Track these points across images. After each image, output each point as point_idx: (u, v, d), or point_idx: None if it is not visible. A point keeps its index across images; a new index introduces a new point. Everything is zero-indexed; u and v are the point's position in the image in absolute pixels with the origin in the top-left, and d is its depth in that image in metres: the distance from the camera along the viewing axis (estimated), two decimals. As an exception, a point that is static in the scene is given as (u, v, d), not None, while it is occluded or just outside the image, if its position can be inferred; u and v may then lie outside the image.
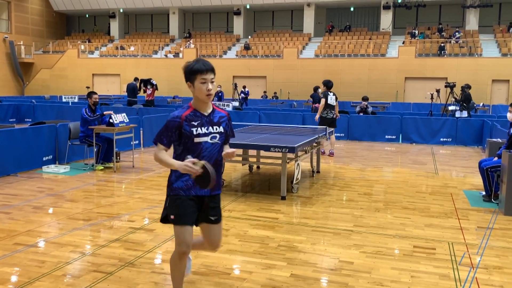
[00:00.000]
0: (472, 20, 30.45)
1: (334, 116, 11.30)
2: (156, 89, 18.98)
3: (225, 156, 3.33)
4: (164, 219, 3.46)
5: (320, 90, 16.38)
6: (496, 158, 7.10)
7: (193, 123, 3.24)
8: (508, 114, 6.91)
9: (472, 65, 26.26)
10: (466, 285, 4.11)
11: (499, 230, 5.71)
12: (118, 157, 9.69)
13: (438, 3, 31.61)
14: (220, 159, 3.39)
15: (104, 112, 9.22)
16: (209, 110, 3.32)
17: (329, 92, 11.13)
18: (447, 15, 32.14)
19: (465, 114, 15.05)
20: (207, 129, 3.28)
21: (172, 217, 3.36)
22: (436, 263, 4.57)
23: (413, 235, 5.46)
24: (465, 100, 15.17)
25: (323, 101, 10.97)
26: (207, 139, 3.27)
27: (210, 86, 3.20)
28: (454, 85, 15.92)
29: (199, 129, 3.25)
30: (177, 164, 3.15)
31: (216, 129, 3.32)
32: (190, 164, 3.09)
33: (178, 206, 3.32)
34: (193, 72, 3.23)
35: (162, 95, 28.24)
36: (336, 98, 11.42)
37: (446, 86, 16.19)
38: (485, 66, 25.99)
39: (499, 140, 9.35)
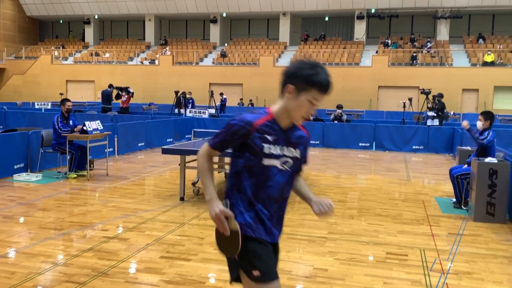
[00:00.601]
0: (443, 31, 31.24)
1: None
2: (132, 96, 18.83)
3: (321, 215, 2.51)
4: (238, 279, 2.45)
5: None
6: (466, 166, 7.30)
7: (268, 137, 2.35)
8: (478, 123, 7.11)
9: (443, 75, 26.88)
10: (437, 290, 4.20)
11: (469, 236, 5.86)
12: (91, 165, 9.57)
13: (410, 14, 32.32)
14: (287, 196, 2.54)
15: (75, 129, 8.99)
16: (290, 125, 2.42)
17: None
18: (419, 26, 32.88)
19: (436, 122, 15.40)
20: (281, 150, 2.39)
21: (256, 273, 2.32)
22: (408, 269, 4.66)
23: (386, 241, 5.55)
24: (440, 109, 15.53)
25: None
26: (277, 163, 2.39)
27: (315, 110, 2.36)
28: (430, 92, 16.28)
29: (272, 147, 2.36)
30: (209, 196, 2.40)
31: (291, 152, 2.43)
32: (222, 217, 2.33)
33: (260, 255, 2.36)
34: (311, 82, 2.27)
35: (138, 102, 27.98)
36: None
37: (422, 93, 16.52)
38: (456, 76, 26.65)
39: (468, 148, 9.60)
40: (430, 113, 15.74)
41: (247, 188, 2.41)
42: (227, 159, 8.68)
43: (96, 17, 36.99)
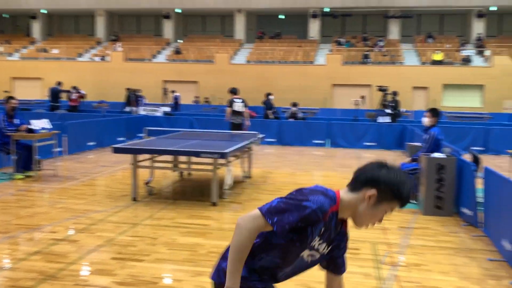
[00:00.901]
0: (394, 30, 32.16)
1: (242, 122, 11.66)
2: (83, 97, 18.23)
3: None
4: None
5: (270, 97, 16.64)
6: (408, 160, 7.53)
7: (321, 230, 2.06)
8: (425, 119, 7.34)
9: (394, 73, 27.66)
10: (388, 282, 4.30)
11: (419, 229, 6.04)
12: (39, 165, 9.19)
13: (362, 13, 33.06)
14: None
15: (21, 128, 8.61)
16: (341, 221, 2.17)
17: (235, 99, 11.41)
18: (371, 25, 33.70)
19: (387, 119, 15.82)
20: (319, 245, 2.14)
21: None
22: (360, 263, 4.75)
23: (339, 236, 5.63)
24: (395, 107, 15.98)
25: (228, 109, 11.46)
26: (305, 254, 2.15)
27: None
28: (386, 89, 16.69)
29: (317, 241, 2.10)
30: (233, 285, 2.01)
31: (323, 247, 2.18)
32: None
33: None
34: (398, 197, 2.04)
35: (88, 99, 27.15)
36: (245, 105, 11.72)
37: (379, 90, 16.88)
38: (406, 74, 27.49)
39: (417, 144, 9.90)
40: (388, 111, 16.17)
41: (268, 263, 2.13)
42: (182, 158, 8.59)
43: (44, 11, 35.61)
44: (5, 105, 8.83)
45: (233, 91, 11.72)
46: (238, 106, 11.50)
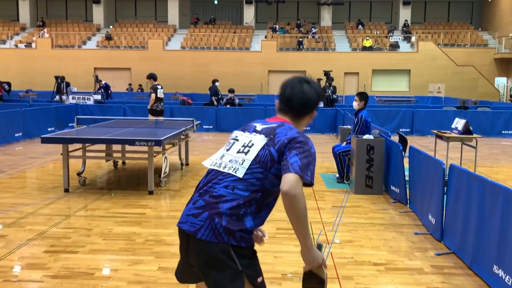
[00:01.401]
0: (326, 17, 32.88)
1: (163, 108, 11.45)
2: (8, 92, 17.14)
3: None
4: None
5: (216, 83, 16.37)
6: (345, 143, 7.81)
7: None
8: (354, 103, 7.62)
9: (327, 59, 28.33)
10: (323, 260, 4.47)
11: (351, 208, 6.30)
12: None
13: (296, 0, 33.48)
14: None
15: None
16: None
17: (157, 85, 11.21)
18: (304, 12, 34.21)
19: (321, 104, 16.21)
20: None
21: (260, 280, 2.26)
22: (296, 242, 4.84)
23: (276, 218, 5.72)
24: (335, 92, 16.42)
25: (153, 95, 10.97)
26: None
27: None
28: (330, 73, 17.10)
29: None
30: (310, 244, 2.19)
31: None
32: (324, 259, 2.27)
33: (258, 263, 2.31)
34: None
35: (13, 89, 25.64)
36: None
37: (325, 74, 17.18)
38: (338, 60, 28.25)
39: (349, 127, 10.27)
40: (339, 96, 16.66)
41: (268, 208, 2.29)
42: (116, 147, 8.38)
43: (-41, -6, 33.07)
44: None
45: (154, 77, 11.23)
46: (160, 92, 11.25)
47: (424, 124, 14.65)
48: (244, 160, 2.22)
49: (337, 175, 7.89)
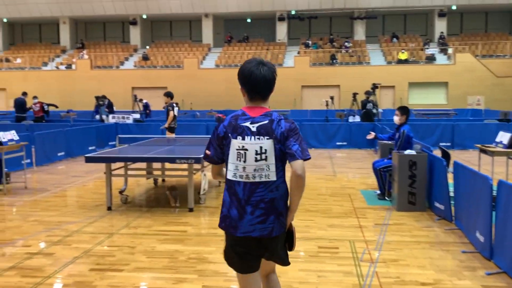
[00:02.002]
0: (359, 31, 32.71)
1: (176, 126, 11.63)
2: (44, 112, 17.70)
3: None
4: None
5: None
6: (386, 159, 7.67)
7: None
8: (395, 118, 7.50)
9: (361, 73, 28.10)
10: (368, 279, 4.38)
11: (394, 225, 6.16)
12: (8, 178, 8.94)
13: (328, 15, 33.49)
14: None
15: None
16: None
17: (174, 104, 11.38)
18: (337, 26, 34.17)
19: (358, 118, 16.06)
20: None
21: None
22: (340, 261, 4.81)
23: (317, 236, 5.69)
24: (375, 105, 16.13)
25: (171, 113, 11.17)
26: None
27: None
28: (379, 85, 16.80)
29: None
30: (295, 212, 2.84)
31: None
32: None
33: None
34: None
35: (54, 109, 26.58)
36: (179, 108, 11.91)
37: (374, 87, 16.80)
38: (373, 74, 27.95)
39: (388, 141, 10.10)
40: (380, 110, 16.26)
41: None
42: (156, 165, 8.51)
43: (5, 20, 34.67)
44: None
45: (171, 96, 11.50)
46: (176, 110, 11.46)
47: (465, 137, 14.26)
48: (269, 166, 2.66)
49: (378, 192, 7.74)
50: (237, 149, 2.68)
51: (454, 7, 31.28)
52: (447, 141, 14.30)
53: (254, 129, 2.67)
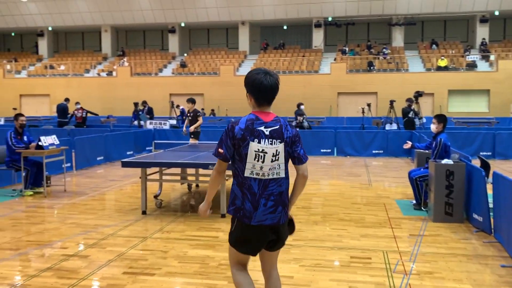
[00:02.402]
0: (398, 37, 32.19)
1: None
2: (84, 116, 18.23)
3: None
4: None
5: (302, 107, 16.62)
6: (422, 168, 7.49)
7: None
8: (432, 126, 7.33)
9: (399, 80, 27.65)
10: (401, 291, 4.27)
11: (429, 236, 6.00)
12: (48, 182, 9.25)
13: (366, 22, 33.15)
14: None
15: (30, 146, 8.70)
16: None
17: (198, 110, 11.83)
18: (374, 33, 33.77)
19: (394, 126, 15.77)
20: None
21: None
22: (372, 272, 4.72)
23: (350, 246, 5.61)
24: (416, 113, 15.68)
25: (200, 119, 11.62)
26: None
27: None
28: (422, 93, 16.37)
29: None
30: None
31: None
32: None
33: None
34: None
35: (93, 116, 27.34)
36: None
37: (418, 95, 16.38)
38: (411, 81, 27.45)
39: (426, 151, 9.86)
40: (423, 120, 15.81)
41: None
42: (190, 170, 8.62)
43: (50, 29, 36.06)
44: (14, 122, 8.92)
45: (194, 101, 11.81)
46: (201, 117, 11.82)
47: (507, 147, 13.76)
48: (280, 165, 3.12)
49: (414, 202, 7.56)
50: (255, 151, 3.06)
51: (496, 13, 30.35)
52: (487, 151, 13.84)
53: (267, 133, 3.09)
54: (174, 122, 19.02)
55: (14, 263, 5.06)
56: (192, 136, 11.63)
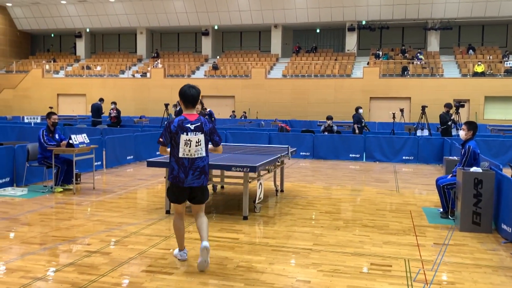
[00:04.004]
0: (433, 42, 31.50)
1: None
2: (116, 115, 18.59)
3: None
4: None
5: (360, 110, 16.52)
6: (450, 176, 7.30)
7: None
8: (461, 132, 7.14)
9: (434, 85, 27.06)
10: (420, 301, 4.17)
11: (455, 246, 5.83)
12: (78, 179, 9.49)
13: (401, 25, 32.60)
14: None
15: (61, 143, 8.95)
16: None
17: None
18: (409, 37, 33.15)
19: (426, 132, 15.43)
20: None
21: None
22: (391, 280, 4.62)
23: (371, 252, 5.51)
24: (455, 124, 15.19)
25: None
26: None
27: None
28: (464, 103, 15.89)
29: None
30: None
31: None
32: None
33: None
34: None
35: (129, 115, 27.93)
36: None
37: (460, 106, 15.94)
38: (447, 86, 26.83)
39: (455, 158, 9.62)
40: (460, 132, 15.21)
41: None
42: (216, 171, 8.68)
43: (88, 30, 37.05)
44: (46, 121, 9.20)
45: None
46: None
47: (545, 156, 13.24)
48: (202, 148, 4.79)
49: (441, 210, 7.38)
50: (185, 140, 4.73)
51: (539, 17, 29.31)
52: (524, 160, 13.35)
53: (192, 128, 4.75)
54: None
55: (39, 257, 5.21)
56: None
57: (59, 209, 7.59)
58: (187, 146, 4.68)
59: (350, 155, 14.83)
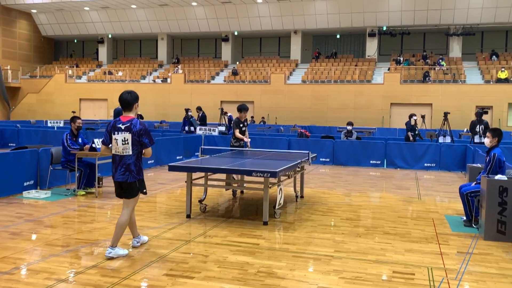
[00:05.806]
0: (455, 48, 31.12)
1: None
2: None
3: None
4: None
5: (414, 117, 16.42)
6: (474, 183, 7.18)
7: None
8: (486, 140, 7.02)
9: (456, 92, 26.71)
10: (444, 311, 4.10)
11: (479, 255, 5.73)
12: (100, 182, 9.61)
13: (422, 31, 32.30)
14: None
15: (84, 147, 9.10)
16: None
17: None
18: (431, 43, 32.81)
19: (448, 139, 15.21)
20: None
21: (144, 191, 5.59)
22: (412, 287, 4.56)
23: (393, 260, 5.45)
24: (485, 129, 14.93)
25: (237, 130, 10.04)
26: None
27: None
28: (488, 110, 15.70)
29: None
30: None
31: None
32: None
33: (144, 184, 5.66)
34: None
35: (150, 119, 28.21)
36: None
37: (484, 113, 15.69)
38: (469, 93, 26.46)
39: (479, 165, 9.46)
40: (485, 140, 15.00)
41: (140, 158, 5.53)
42: (246, 177, 8.68)
43: (110, 36, 37.62)
44: (71, 125, 9.35)
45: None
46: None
47: None
48: (128, 147, 5.29)
49: (464, 218, 7.26)
50: (115, 139, 5.32)
51: None
52: (550, 168, 13.04)
53: (123, 128, 5.29)
54: (223, 128, 19.26)
55: (63, 259, 5.28)
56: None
57: (82, 212, 7.70)
58: (116, 144, 5.29)
59: (371, 162, 14.71)
